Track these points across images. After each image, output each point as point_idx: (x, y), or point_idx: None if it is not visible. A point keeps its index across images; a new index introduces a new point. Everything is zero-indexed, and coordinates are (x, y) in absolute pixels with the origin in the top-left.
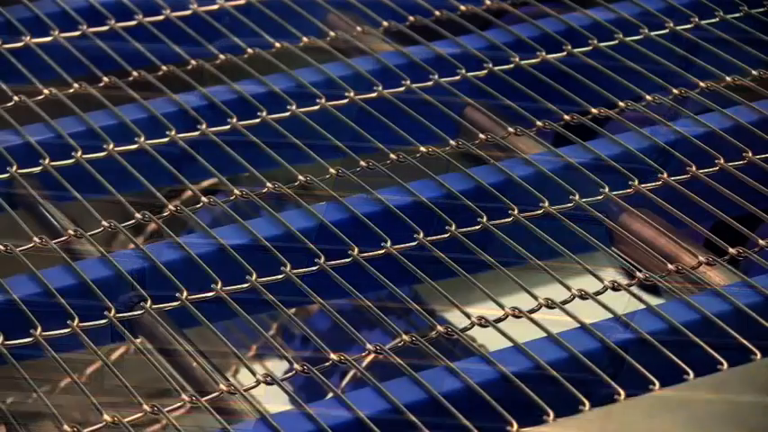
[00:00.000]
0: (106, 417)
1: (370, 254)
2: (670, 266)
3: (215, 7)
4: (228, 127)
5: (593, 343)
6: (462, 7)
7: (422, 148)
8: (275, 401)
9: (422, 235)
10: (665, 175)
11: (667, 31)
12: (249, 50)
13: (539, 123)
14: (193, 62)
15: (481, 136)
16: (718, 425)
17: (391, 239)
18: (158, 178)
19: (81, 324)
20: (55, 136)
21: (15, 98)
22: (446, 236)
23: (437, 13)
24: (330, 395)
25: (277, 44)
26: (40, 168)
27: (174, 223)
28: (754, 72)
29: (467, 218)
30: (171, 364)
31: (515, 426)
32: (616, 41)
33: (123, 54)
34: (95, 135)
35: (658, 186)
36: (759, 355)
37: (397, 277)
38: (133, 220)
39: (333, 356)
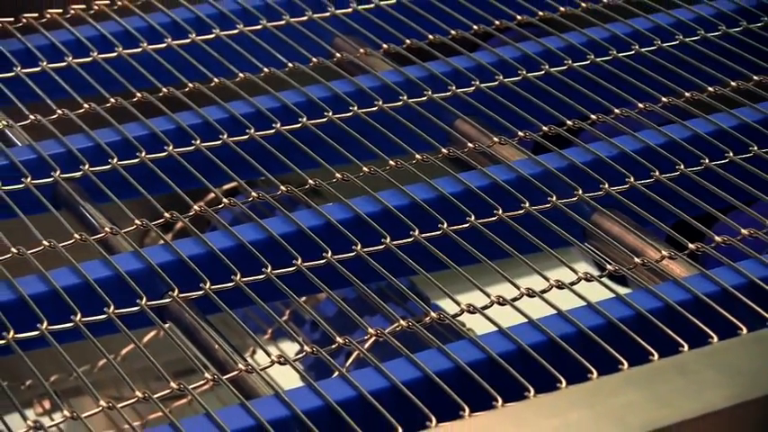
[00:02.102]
0: (138, 393)
1: (372, 249)
2: (636, 260)
3: (235, 32)
4: (247, 137)
5: (568, 327)
6: (453, 32)
7: (417, 156)
8: (288, 379)
9: (417, 232)
10: (632, 180)
11: (633, 52)
12: (266, 70)
13: (520, 134)
14: (216, 80)
15: (469, 145)
16: (679, 400)
17: (390, 236)
18: (185, 182)
19: (116, 311)
20: (94, 145)
21: (59, 112)
22: (439, 233)
23: (431, 36)
24: (336, 374)
25: (290, 64)
26: (80, 173)
27: (198, 222)
28: (710, 88)
29: (457, 217)
30: (195, 346)
31: (500, 401)
32: (588, 62)
33: (154, 73)
34: (129, 144)
35: (626, 189)
36: (716, 339)
37: (396, 269)
38: (162, 219)
39: (338, 339)
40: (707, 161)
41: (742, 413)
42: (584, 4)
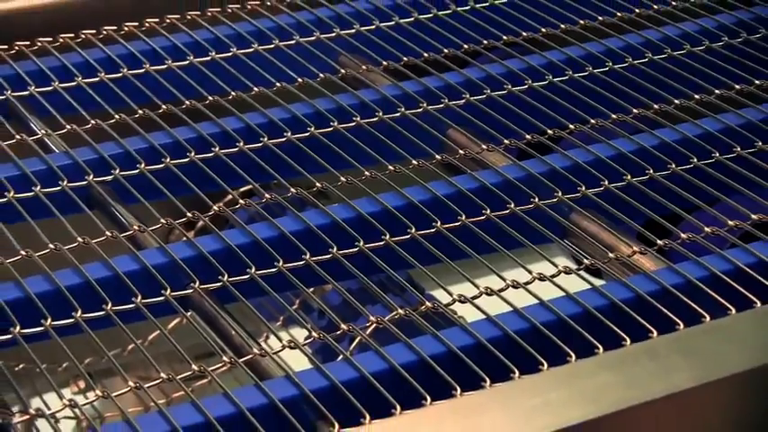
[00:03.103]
0: (163, 374)
1: (373, 245)
2: (610, 255)
3: (251, 50)
4: (261, 144)
5: (549, 316)
6: (446, 50)
7: (414, 161)
8: (298, 362)
9: (414, 230)
10: (606, 183)
11: (607, 68)
12: (278, 84)
13: (506, 141)
14: (233, 93)
15: (461, 152)
16: (649, 381)
17: (390, 233)
18: (205, 185)
19: (143, 300)
20: (123, 152)
21: (92, 122)
22: (433, 231)
23: (425, 54)
24: (341, 357)
25: (299, 79)
26: (111, 177)
27: (217, 220)
28: (676, 101)
29: (449, 216)
30: (214, 332)
31: (488, 381)
32: (567, 77)
33: (178, 87)
34: (155, 151)
35: (601, 191)
36: (682, 326)
37: (394, 263)
38: (185, 218)
39: (343, 326)
40: (673, 166)
41: (705, 393)
42: (563, 26)
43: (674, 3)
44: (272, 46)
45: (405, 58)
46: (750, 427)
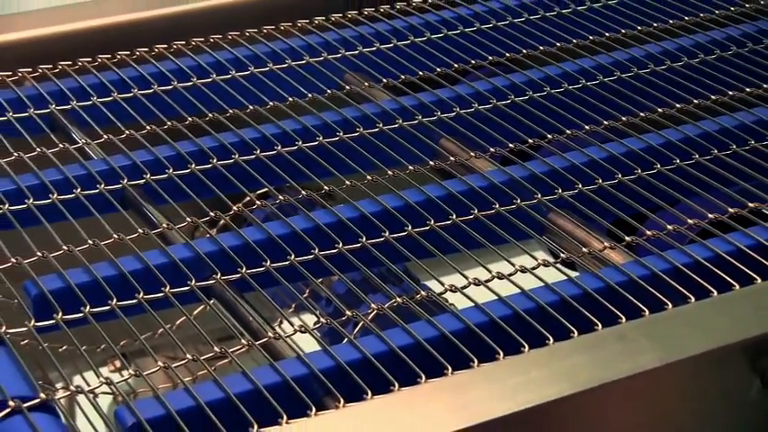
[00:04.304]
0: (188, 355)
1: (374, 240)
2: (584, 249)
3: (266, 69)
4: (275, 152)
5: (530, 303)
6: (438, 69)
7: (410, 167)
8: (308, 344)
9: (410, 227)
10: (580, 186)
11: (581, 85)
12: (290, 99)
13: (491, 150)
14: (251, 107)
15: (451, 158)
16: (618, 362)
17: (389, 230)
18: (226, 188)
19: (171, 290)
20: (154, 158)
21: (126, 132)
22: (427, 228)
23: (420, 73)
24: (345, 340)
25: (309, 95)
26: (143, 181)
27: (237, 219)
28: (641, 114)
29: (441, 215)
30: (234, 318)
31: (476, 361)
32: (545, 92)
33: (202, 101)
34: (182, 158)
35: (575, 193)
36: (647, 312)
37: (393, 257)
38: (208, 217)
39: (348, 313)
40: (639, 171)
41: (667, 372)
42: (541, 48)
43: (639, 28)
44: (285, 65)
45: (402, 76)
46: (706, 402)
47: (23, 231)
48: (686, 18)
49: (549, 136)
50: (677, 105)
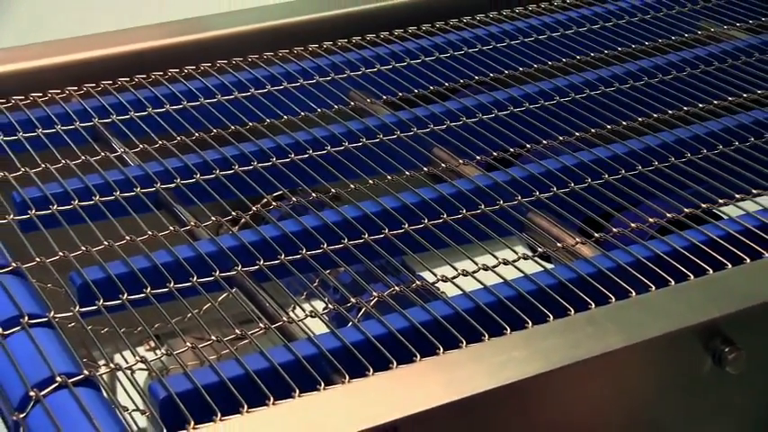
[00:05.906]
0: (213, 336)
1: (375, 237)
2: (558, 244)
3: (281, 87)
4: (289, 160)
5: (511, 291)
6: (431, 87)
7: (406, 172)
8: (317, 328)
9: (407, 225)
10: (555, 189)
11: (555, 101)
12: (302, 113)
13: (477, 157)
14: (267, 120)
15: (443, 165)
16: (588, 343)
17: (388, 228)
18: (246, 191)
19: (198, 280)
20: (183, 165)
21: (159, 142)
22: (422, 226)
23: (415, 90)
24: (350, 324)
25: (318, 110)
26: (174, 185)
27: (256, 218)
28: (608, 126)
29: (434, 215)
30: (253, 304)
31: (464, 342)
32: (524, 108)
33: (225, 116)
34: (208, 165)
35: (551, 195)
36: (614, 300)
37: (392, 251)
38: (231, 216)
39: (352, 300)
40: (607, 176)
41: (632, 352)
42: (521, 68)
43: (605, 51)
44: (298, 84)
45: (400, 93)
46: (665, 378)
47: (70, 229)
48: (646, 43)
49: (527, 145)
50: (639, 119)
